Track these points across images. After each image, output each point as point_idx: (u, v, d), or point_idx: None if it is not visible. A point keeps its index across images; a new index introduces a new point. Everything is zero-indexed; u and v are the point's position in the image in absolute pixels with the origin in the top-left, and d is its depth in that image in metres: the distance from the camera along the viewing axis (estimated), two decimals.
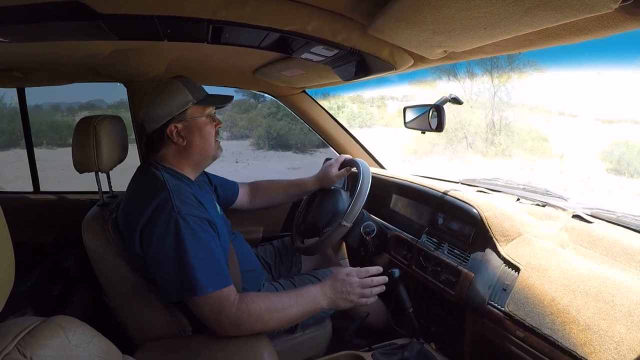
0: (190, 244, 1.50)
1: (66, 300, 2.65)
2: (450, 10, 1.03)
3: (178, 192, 1.61)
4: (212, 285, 1.50)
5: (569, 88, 14.98)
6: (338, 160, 2.33)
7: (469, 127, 15.15)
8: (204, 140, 1.79)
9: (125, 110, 3.24)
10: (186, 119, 1.73)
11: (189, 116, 1.74)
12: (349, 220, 1.97)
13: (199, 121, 1.76)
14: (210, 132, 1.81)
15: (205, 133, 1.79)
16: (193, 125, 1.76)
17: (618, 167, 13.04)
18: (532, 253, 1.56)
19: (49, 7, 1.16)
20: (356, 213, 1.95)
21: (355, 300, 1.72)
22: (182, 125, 1.73)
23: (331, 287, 1.72)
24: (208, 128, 1.80)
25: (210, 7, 1.23)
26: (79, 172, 1.85)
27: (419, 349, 1.74)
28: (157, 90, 1.73)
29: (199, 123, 1.76)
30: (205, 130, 1.78)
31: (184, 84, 1.73)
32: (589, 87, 14.42)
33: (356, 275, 1.75)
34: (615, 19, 1.00)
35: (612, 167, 13.21)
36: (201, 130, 1.77)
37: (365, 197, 1.96)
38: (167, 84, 1.73)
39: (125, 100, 2.59)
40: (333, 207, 2.15)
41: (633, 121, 13.94)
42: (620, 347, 1.13)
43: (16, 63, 2.20)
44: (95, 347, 0.94)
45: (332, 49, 1.55)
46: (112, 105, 16.87)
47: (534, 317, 1.35)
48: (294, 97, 2.96)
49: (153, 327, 1.77)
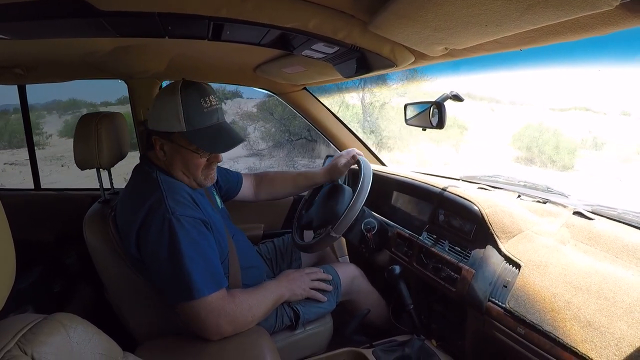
0: (184, 246, 1.50)
1: (67, 298, 2.66)
2: (452, 7, 1.03)
3: (172, 191, 1.60)
4: (207, 288, 1.51)
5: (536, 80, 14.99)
6: (349, 152, 2.27)
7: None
8: (186, 168, 1.67)
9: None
10: (171, 139, 1.62)
11: (174, 139, 1.62)
12: (338, 232, 1.95)
13: (184, 151, 1.63)
14: (195, 165, 1.66)
15: (189, 164, 1.66)
16: (176, 149, 1.64)
17: (529, 155, 12.99)
18: (533, 250, 1.56)
19: (50, 4, 1.16)
20: (355, 213, 1.94)
21: (307, 286, 1.95)
22: (166, 142, 1.64)
23: (286, 280, 1.92)
24: (194, 161, 1.65)
25: (212, 4, 1.23)
26: (81, 169, 1.86)
27: (419, 345, 1.74)
28: (164, 91, 1.64)
29: (182, 151, 1.63)
30: (189, 162, 1.65)
31: (185, 102, 1.57)
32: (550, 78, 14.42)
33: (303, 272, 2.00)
34: (617, 16, 1.00)
35: (523, 155, 13.17)
36: (184, 159, 1.65)
37: (365, 196, 1.93)
38: (169, 92, 1.59)
39: (109, 100, 2.60)
40: (331, 207, 2.14)
41: (584, 108, 13.96)
42: (621, 344, 1.13)
43: (17, 60, 2.20)
44: (96, 344, 0.94)
45: (333, 46, 1.55)
46: (90, 104, 15.56)
47: (534, 313, 1.35)
48: (294, 94, 2.96)
49: (154, 324, 1.78)
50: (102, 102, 14.70)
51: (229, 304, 1.56)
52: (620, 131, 13.05)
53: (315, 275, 1.99)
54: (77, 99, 15.14)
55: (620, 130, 13.08)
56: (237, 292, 1.67)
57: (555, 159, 12.59)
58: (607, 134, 13.05)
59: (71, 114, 14.61)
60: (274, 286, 1.83)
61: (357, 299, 2.21)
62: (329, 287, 1.99)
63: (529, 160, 12.95)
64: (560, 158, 12.55)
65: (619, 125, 13.27)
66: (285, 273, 1.96)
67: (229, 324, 1.56)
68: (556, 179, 11.02)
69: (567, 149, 12.75)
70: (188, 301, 1.50)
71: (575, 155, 12.68)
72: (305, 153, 12.53)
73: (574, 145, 12.89)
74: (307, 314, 1.95)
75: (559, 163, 12.51)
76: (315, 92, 3.02)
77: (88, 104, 15.04)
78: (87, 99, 15.15)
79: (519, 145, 13.47)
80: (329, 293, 2.01)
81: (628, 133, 12.83)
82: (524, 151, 13.25)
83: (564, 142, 12.86)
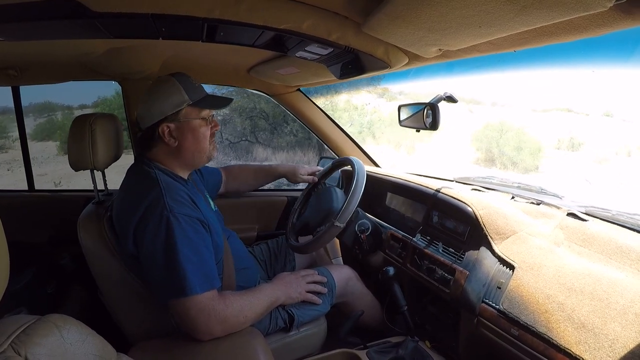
0: (180, 243, 1.50)
1: (61, 299, 2.65)
2: (445, 8, 1.03)
3: (170, 190, 1.61)
4: (199, 286, 1.51)
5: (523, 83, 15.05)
6: (312, 168, 2.45)
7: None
8: (196, 142, 1.76)
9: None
10: (179, 119, 1.70)
11: (182, 117, 1.70)
12: (342, 220, 1.97)
13: (193, 123, 1.73)
14: (204, 135, 1.77)
15: (199, 135, 1.76)
16: (186, 126, 1.72)
17: (489, 156, 12.94)
18: (527, 251, 1.56)
19: (44, 6, 1.15)
20: (350, 213, 1.95)
21: (303, 289, 1.94)
22: (175, 126, 1.70)
23: (282, 283, 1.90)
24: (203, 130, 1.76)
25: (206, 5, 1.23)
26: (75, 170, 1.85)
27: (413, 347, 1.75)
28: (153, 87, 1.71)
29: (192, 125, 1.73)
30: (199, 133, 1.75)
31: (180, 82, 1.69)
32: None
33: (301, 275, 2.00)
34: (610, 17, 1.00)
35: (482, 156, 13.12)
36: (194, 132, 1.74)
37: (359, 197, 1.95)
38: (163, 82, 1.70)
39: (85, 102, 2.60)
40: (327, 206, 2.15)
41: (566, 109, 14.00)
42: (615, 345, 1.13)
43: (11, 61, 2.20)
44: (90, 345, 0.94)
45: (327, 47, 1.55)
46: (66, 107, 15.43)
47: (528, 315, 1.35)
48: (288, 95, 2.96)
49: (148, 325, 1.77)
50: (79, 105, 14.57)
51: (219, 304, 1.56)
52: (600, 132, 13.08)
53: (310, 277, 1.99)
54: (52, 102, 15.03)
55: (601, 131, 13.10)
56: (229, 293, 1.68)
57: (517, 160, 12.49)
58: (585, 135, 13.06)
59: (46, 117, 14.53)
60: (269, 289, 1.82)
61: (351, 300, 2.21)
62: (324, 289, 2.00)
63: (489, 162, 12.87)
64: (522, 159, 12.42)
65: (600, 126, 13.31)
66: (280, 276, 1.95)
67: (218, 324, 1.56)
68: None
69: (530, 149, 12.59)
70: (179, 298, 1.50)
71: (539, 156, 12.56)
72: (247, 155, 12.64)
73: (538, 145, 12.74)
74: (302, 316, 1.94)
75: (521, 165, 12.40)
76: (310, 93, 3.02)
77: (64, 107, 14.92)
78: (63, 102, 15.07)
79: (478, 146, 13.42)
80: (324, 295, 2.01)
81: (608, 134, 12.85)
82: (484, 152, 13.20)
83: (528, 143, 12.71)
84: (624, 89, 13.13)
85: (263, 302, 1.74)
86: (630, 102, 13.07)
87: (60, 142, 13.67)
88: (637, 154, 12.07)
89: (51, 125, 14.44)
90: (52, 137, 13.91)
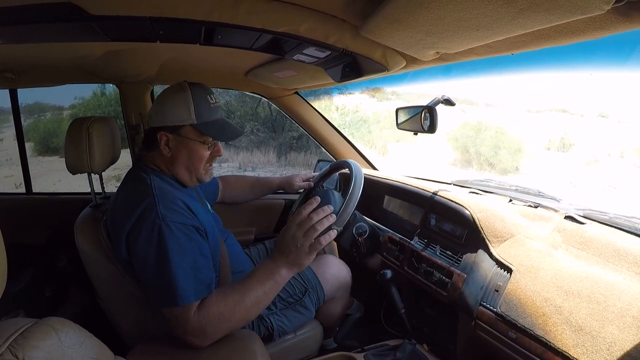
0: (172, 252, 1.48)
1: (59, 302, 2.65)
2: (443, 11, 1.03)
3: (164, 197, 1.59)
4: (195, 294, 1.48)
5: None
6: (306, 175, 2.47)
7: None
8: (190, 161, 1.72)
9: None
10: (179, 133, 1.67)
11: (183, 132, 1.67)
12: (340, 223, 1.95)
13: (191, 143, 1.69)
14: (200, 157, 1.72)
15: (194, 156, 1.72)
16: (183, 143, 1.69)
17: (466, 156, 12.81)
18: (525, 254, 1.56)
19: (41, 9, 1.15)
20: (347, 216, 1.93)
21: (309, 247, 1.52)
22: (173, 137, 1.68)
23: (278, 252, 1.57)
24: (200, 153, 1.71)
25: (203, 8, 1.22)
26: (72, 173, 1.85)
27: (411, 349, 1.75)
28: (169, 90, 1.69)
29: (190, 144, 1.69)
30: (194, 154, 1.71)
31: (195, 97, 1.65)
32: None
33: (295, 223, 1.55)
34: (608, 21, 1.00)
35: (459, 157, 13.00)
36: (190, 152, 1.70)
37: (357, 200, 1.94)
38: (178, 89, 1.67)
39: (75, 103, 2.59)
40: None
41: (561, 110, 13.98)
42: (612, 348, 1.13)
43: (8, 64, 2.19)
44: (87, 348, 0.94)
45: (324, 50, 1.55)
46: (56, 107, 15.43)
47: (526, 318, 1.35)
48: (286, 98, 2.96)
49: (146, 328, 1.77)
50: (70, 106, 14.56)
51: (212, 309, 1.50)
52: (594, 133, 13.03)
53: (308, 223, 1.53)
54: (43, 103, 14.98)
55: (595, 132, 13.06)
56: (207, 298, 1.54)
57: (493, 161, 12.33)
58: (577, 136, 13.00)
59: (36, 117, 14.47)
60: (264, 270, 1.58)
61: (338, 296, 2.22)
62: (331, 218, 1.57)
63: (466, 162, 12.76)
64: (499, 160, 12.24)
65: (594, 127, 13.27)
66: (278, 248, 1.58)
67: (213, 331, 1.51)
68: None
69: (509, 149, 12.40)
70: (170, 307, 1.49)
71: (518, 157, 12.40)
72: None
73: (517, 145, 12.55)
74: (284, 325, 1.95)
75: (498, 166, 12.23)
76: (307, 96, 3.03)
77: (55, 107, 14.90)
78: (54, 103, 15.09)
79: (454, 146, 13.32)
80: (310, 301, 2.02)
81: (602, 135, 12.80)
82: (460, 152, 13.09)
83: (507, 142, 12.51)
84: (620, 90, 13.16)
85: (257, 290, 1.55)
86: (626, 104, 13.08)
87: (35, 143, 13.69)
88: (630, 156, 12.04)
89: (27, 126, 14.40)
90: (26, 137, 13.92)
